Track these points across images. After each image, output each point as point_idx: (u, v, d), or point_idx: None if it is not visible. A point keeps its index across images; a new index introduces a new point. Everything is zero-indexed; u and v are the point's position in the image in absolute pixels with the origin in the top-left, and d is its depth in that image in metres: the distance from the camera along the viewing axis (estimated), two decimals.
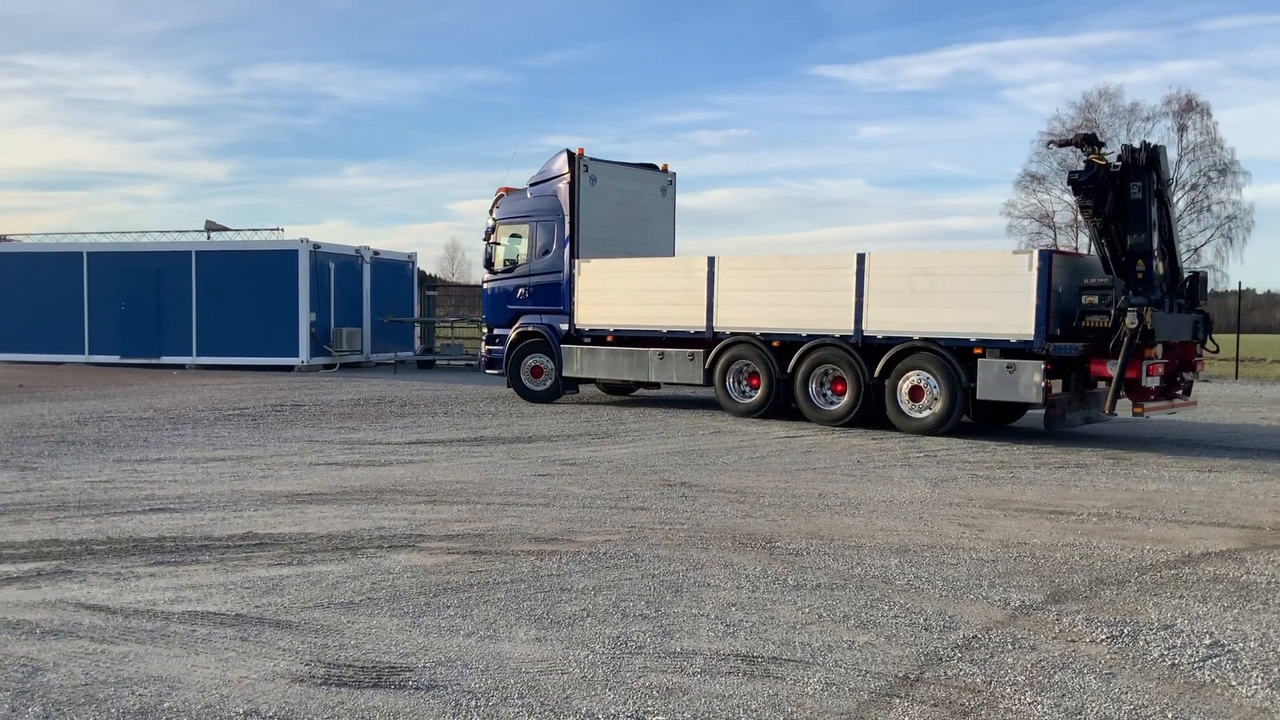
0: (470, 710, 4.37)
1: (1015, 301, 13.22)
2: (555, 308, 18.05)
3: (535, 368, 18.37)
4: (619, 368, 17.38)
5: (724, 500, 9.09)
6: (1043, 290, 13.02)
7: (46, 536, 7.43)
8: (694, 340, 16.40)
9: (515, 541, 7.42)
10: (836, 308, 14.76)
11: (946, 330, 13.89)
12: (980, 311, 13.58)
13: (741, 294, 15.90)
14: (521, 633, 5.38)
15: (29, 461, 10.87)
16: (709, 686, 4.67)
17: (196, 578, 6.38)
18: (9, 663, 4.87)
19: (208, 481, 9.74)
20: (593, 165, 17.91)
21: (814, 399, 15.15)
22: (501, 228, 18.76)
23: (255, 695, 4.50)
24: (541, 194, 18.18)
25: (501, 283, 18.87)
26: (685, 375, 16.56)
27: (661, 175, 19.46)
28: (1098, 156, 13.41)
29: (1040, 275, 13.03)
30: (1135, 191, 13.27)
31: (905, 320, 14.22)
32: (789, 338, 15.36)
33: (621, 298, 17.28)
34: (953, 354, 13.80)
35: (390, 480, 9.93)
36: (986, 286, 13.59)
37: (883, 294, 14.43)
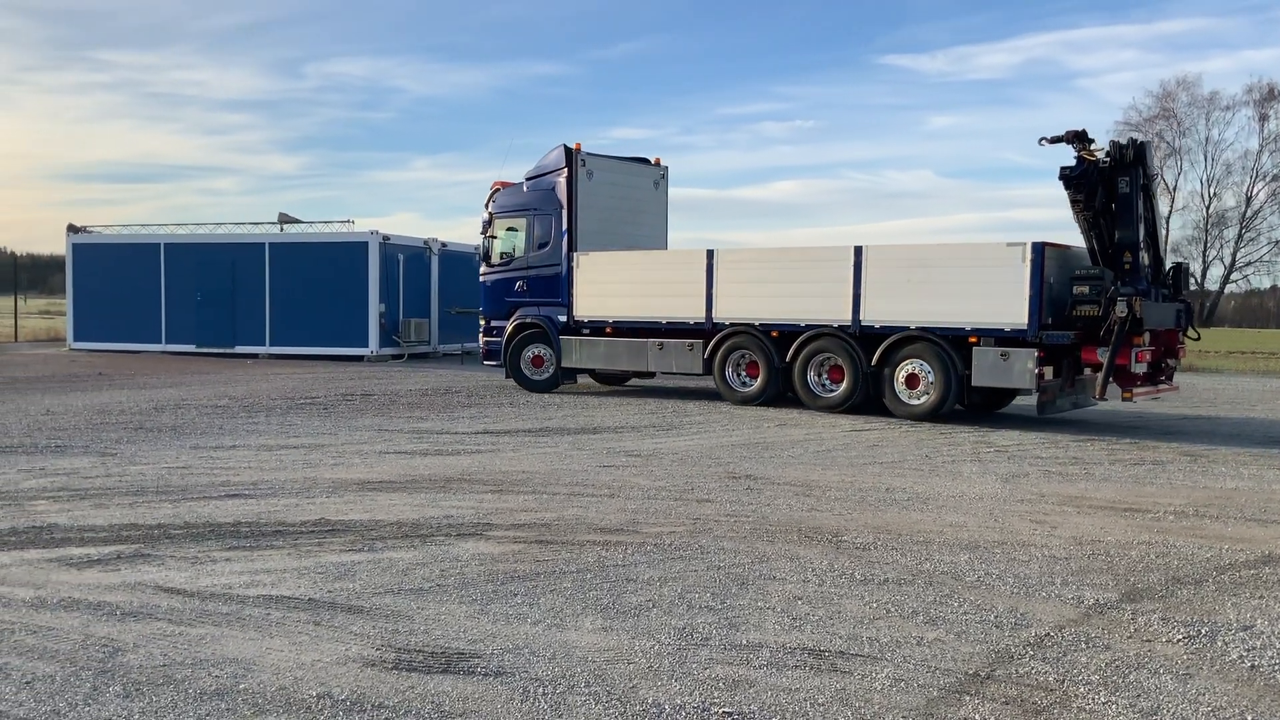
0: (538, 698, 4.40)
1: (1009, 292, 13.73)
2: (553, 300, 18.33)
3: (536, 358, 18.62)
4: (618, 358, 17.78)
5: (789, 493, 9.05)
6: (1035, 281, 13.55)
7: (126, 520, 7.63)
8: (693, 331, 16.77)
9: (581, 531, 7.46)
10: (835, 299, 15.22)
11: (942, 320, 14.36)
12: (975, 301, 14.09)
13: (741, 285, 16.31)
14: (588, 622, 5.41)
15: (109, 447, 11.18)
16: (775, 679, 4.65)
17: (271, 562, 6.51)
18: (90, 643, 5.02)
19: (281, 468, 9.93)
20: (590, 160, 18.19)
21: (812, 387, 15.62)
22: (498, 221, 19.01)
23: (328, 678, 4.58)
24: (539, 188, 18.46)
25: (499, 275, 19.10)
26: (684, 365, 16.94)
27: (655, 169, 19.81)
28: (1088, 153, 13.80)
29: (1033, 266, 13.54)
30: (1123, 186, 13.73)
31: (902, 310, 14.71)
32: (788, 328, 15.78)
33: (620, 290, 17.63)
34: (948, 342, 14.29)
35: (458, 469, 10.03)
36: (981, 277, 14.10)
37: (880, 285, 14.90)
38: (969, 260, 14.42)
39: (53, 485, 8.96)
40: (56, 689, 4.44)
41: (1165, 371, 14.61)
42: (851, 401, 15.15)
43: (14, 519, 7.61)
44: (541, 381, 18.59)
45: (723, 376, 16.54)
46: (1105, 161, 13.76)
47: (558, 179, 18.08)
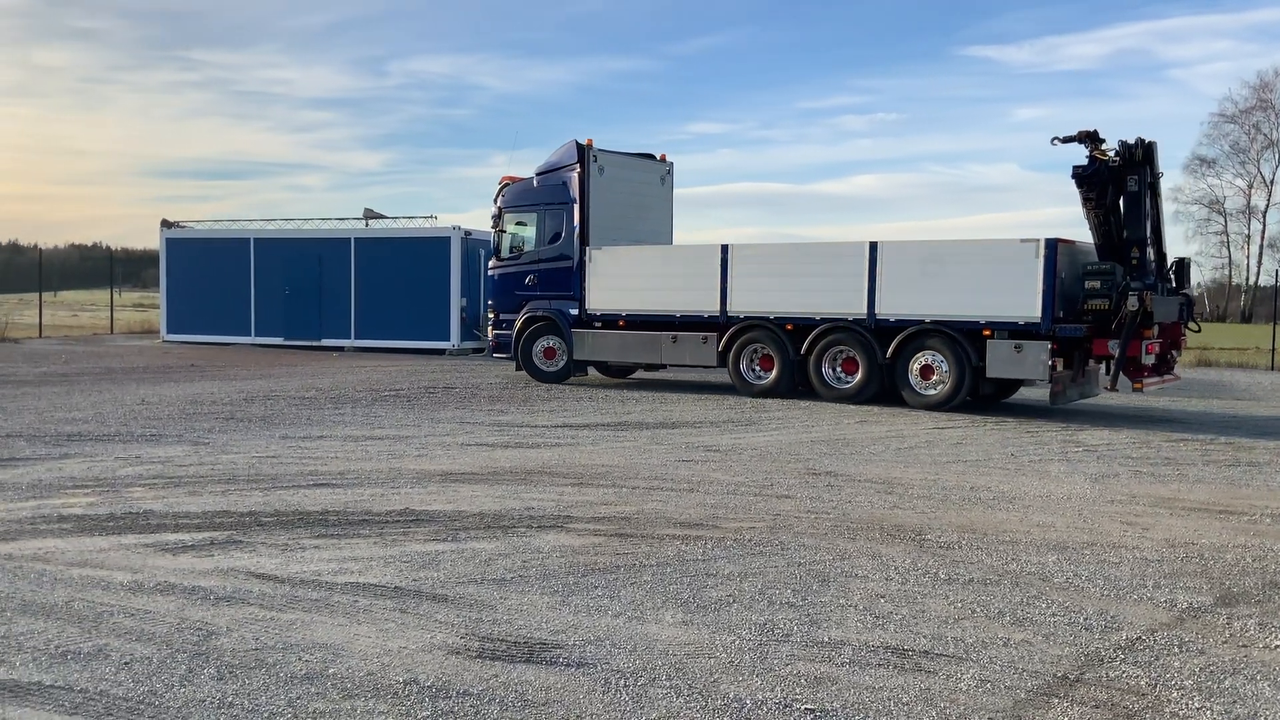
0: (619, 689, 4.43)
1: (1023, 286, 14.22)
2: (565, 293, 18.53)
3: (548, 349, 18.82)
4: (630, 350, 18.03)
5: (871, 490, 8.96)
6: (1049, 276, 14.03)
7: (218, 508, 7.85)
8: (707, 324, 17.02)
9: (660, 526, 7.47)
10: (850, 293, 15.60)
11: (956, 313, 14.80)
12: (989, 296, 14.55)
13: (755, 280, 16.60)
14: (668, 615, 5.43)
15: (201, 437, 11.50)
16: (858, 677, 4.61)
17: (358, 550, 6.65)
18: (185, 626, 5.17)
19: (366, 459, 10.13)
20: (601, 155, 18.39)
21: (827, 379, 15.98)
22: (508, 216, 19.26)
23: (414, 665, 4.66)
24: (550, 183, 18.67)
25: (509, 269, 19.33)
26: (698, 358, 17.23)
27: (661, 165, 20.00)
28: (1100, 152, 14.30)
29: (1047, 262, 14.03)
30: (1132, 184, 14.24)
31: (916, 304, 15.13)
32: (803, 321, 16.12)
33: (633, 283, 17.84)
34: (962, 335, 14.73)
35: (538, 462, 10.12)
36: (995, 272, 14.56)
37: (895, 280, 15.30)
38: (984, 256, 14.82)
39: (148, 473, 9.25)
40: (154, 670, 4.59)
41: (1170, 363, 15.05)
42: (866, 393, 15.54)
43: (112, 505, 7.87)
44: (553, 373, 18.80)
45: (737, 369, 16.82)
46: (1115, 161, 14.23)
47: (570, 174, 18.33)
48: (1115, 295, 13.89)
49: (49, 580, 5.90)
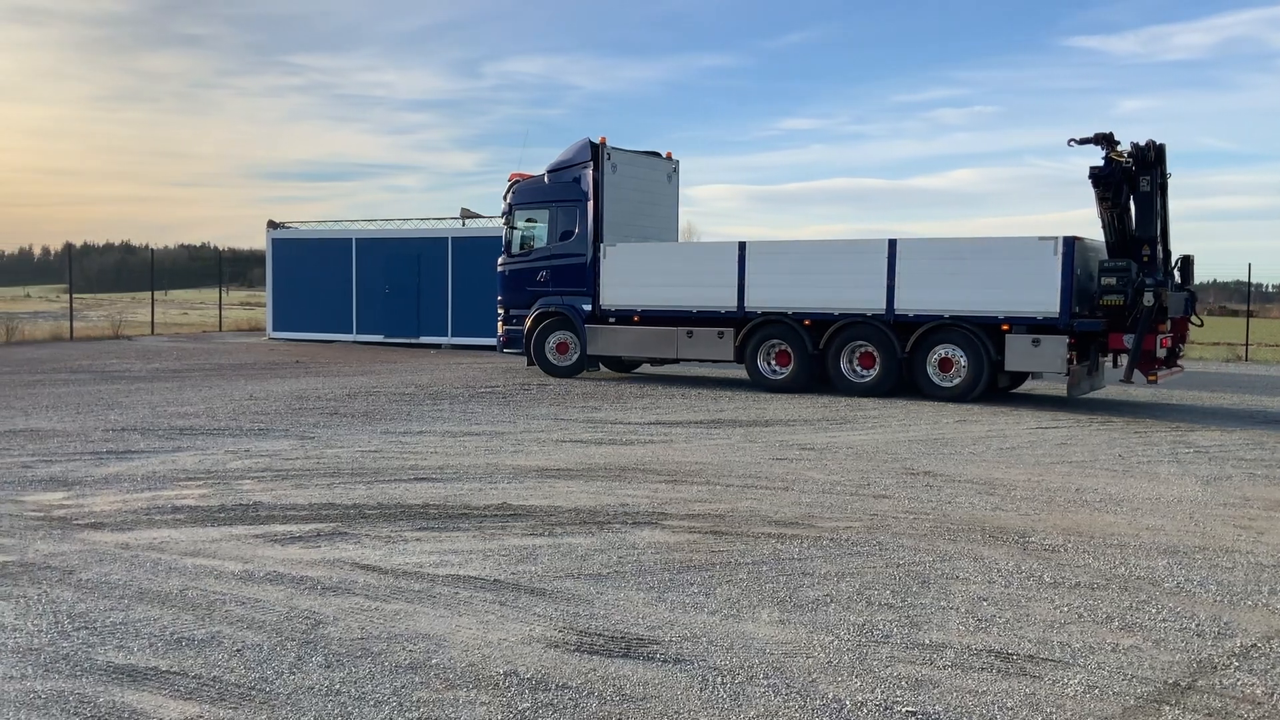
0: (717, 686, 4.42)
1: (1042, 282, 14.68)
2: (578, 289, 18.67)
3: (560, 345, 19.00)
4: (645, 345, 18.25)
5: (972, 491, 8.79)
6: (1067, 272, 14.51)
7: (324, 500, 8.06)
8: (724, 319, 17.29)
9: (755, 524, 7.44)
10: (868, 288, 15.99)
11: (975, 308, 15.26)
12: (1008, 291, 15.01)
13: (773, 276, 16.93)
14: (765, 614, 5.40)
15: (306, 431, 11.82)
16: (960, 681, 4.53)
17: (458, 544, 6.76)
18: (294, 615, 5.32)
19: (464, 454, 10.29)
20: (614, 153, 18.60)
21: (845, 373, 16.36)
22: (518, 212, 19.42)
23: (514, 657, 4.73)
24: (562, 180, 18.83)
25: (520, 265, 19.45)
26: (714, 353, 17.50)
27: (667, 163, 20.19)
28: (1116, 154, 14.76)
29: (1065, 259, 14.52)
30: (1144, 184, 14.74)
31: (935, 299, 15.55)
32: (821, 316, 16.50)
33: (649, 279, 18.05)
34: (981, 329, 15.20)
35: (632, 459, 10.17)
36: (1014, 269, 14.99)
37: (913, 276, 15.70)
38: (1002, 253, 15.29)
39: (257, 466, 9.53)
40: (264, 657, 4.73)
41: (1176, 355, 15.61)
42: (884, 386, 15.94)
43: (223, 497, 8.14)
44: (565, 368, 18.98)
45: (754, 363, 17.13)
46: (1128, 162, 14.74)
47: (583, 172, 18.52)
48: (1131, 291, 14.51)
49: (164, 569, 6.13)
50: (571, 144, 18.95)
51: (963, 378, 15.41)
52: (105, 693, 4.31)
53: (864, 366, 16.22)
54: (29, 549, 6.53)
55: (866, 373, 16.19)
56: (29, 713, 4.11)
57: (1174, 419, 14.08)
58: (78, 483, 8.65)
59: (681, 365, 20.17)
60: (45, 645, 4.85)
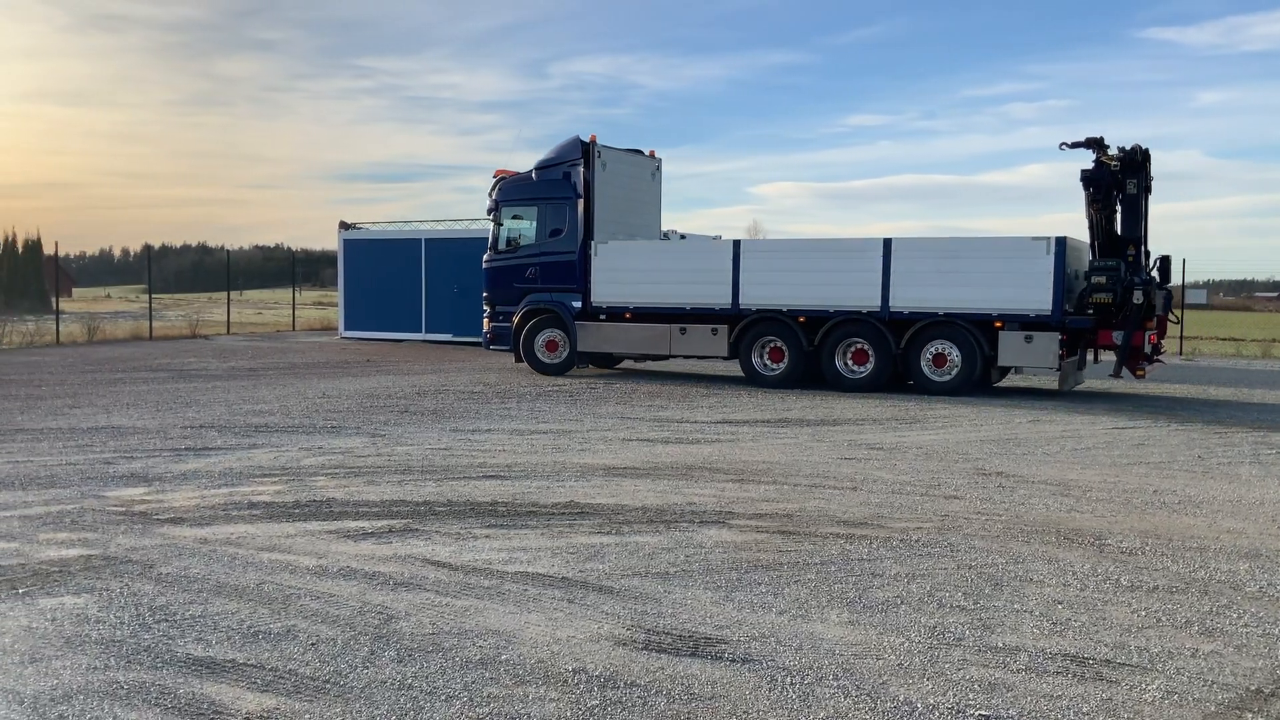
0: (786, 687, 4.40)
1: (1035, 281, 15.22)
2: (568, 286, 18.75)
3: (550, 342, 19.07)
4: (637, 342, 18.41)
5: (1046, 492, 8.63)
6: (1059, 271, 15.06)
7: (395, 497, 8.17)
8: (718, 317, 17.53)
9: (823, 524, 7.39)
10: (863, 286, 16.39)
11: (969, 305, 15.74)
12: (1001, 289, 15.53)
13: (768, 274, 17.25)
14: (834, 615, 5.36)
15: (378, 429, 11.99)
16: (1035, 685, 4.45)
17: (526, 541, 6.81)
18: (367, 610, 5.41)
19: (532, 452, 10.36)
20: (604, 151, 18.71)
21: (840, 369, 16.72)
22: (505, 209, 19.42)
23: (582, 654, 4.75)
24: (551, 178, 18.91)
25: (507, 262, 19.41)
26: (708, 349, 17.77)
27: (651, 160, 20.30)
28: (1106, 157, 15.43)
29: (1056, 258, 15.05)
30: (1131, 187, 15.41)
31: (930, 297, 16.01)
32: (816, 314, 16.83)
33: (642, 276, 18.24)
34: (975, 326, 15.71)
35: (699, 458, 10.15)
36: (1007, 268, 15.51)
37: (908, 274, 16.11)
38: (996, 252, 15.84)
39: (329, 463, 9.70)
40: (338, 651, 4.81)
41: (1159, 350, 16.23)
42: (878, 381, 16.35)
43: (297, 493, 8.29)
44: (555, 365, 19.06)
45: (749, 359, 17.45)
46: (1117, 165, 15.40)
47: (573, 169, 18.64)
48: (1120, 290, 15.14)
49: (241, 563, 6.26)
50: (560, 142, 19.08)
51: (956, 373, 15.90)
52: (185, 684, 4.41)
53: (857, 363, 16.63)
54: (111, 543, 6.71)
55: (860, 369, 16.60)
56: (112, 703, 4.23)
57: (1255, 419, 13.70)
58: (158, 479, 8.87)
59: (674, 361, 20.23)
60: (128, 637, 4.98)
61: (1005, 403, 15.20)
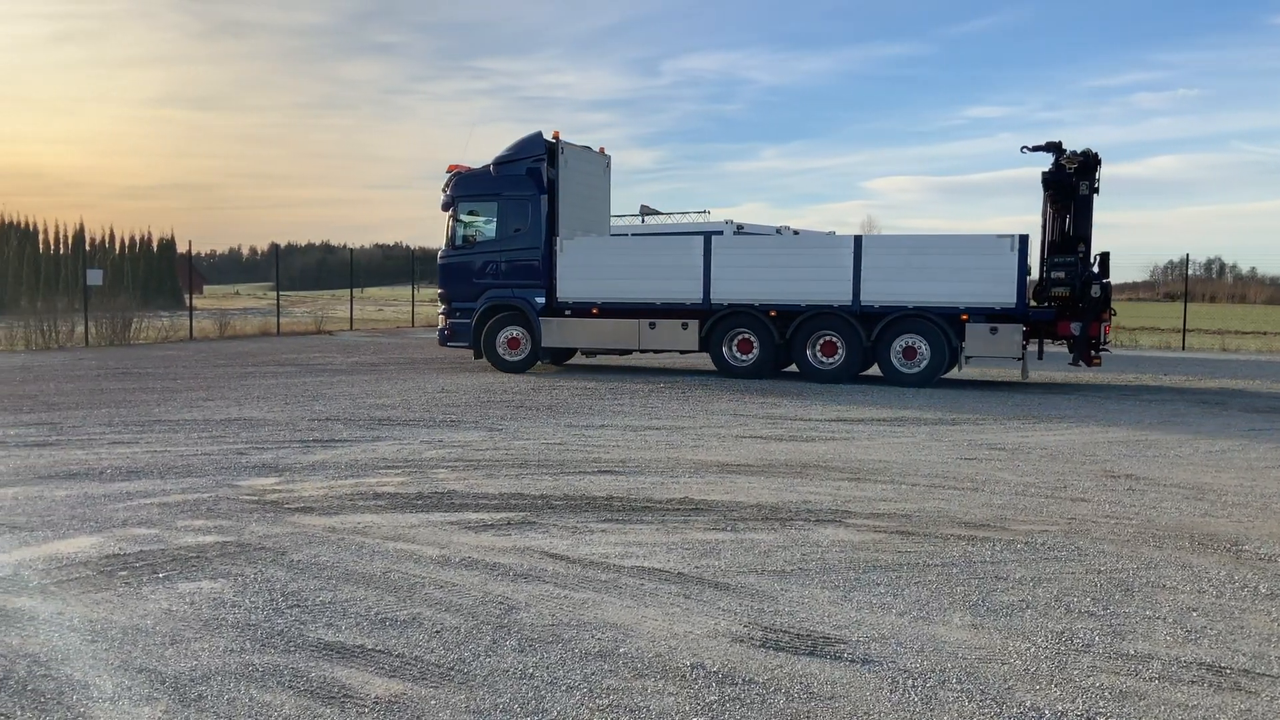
0: (907, 689, 4.34)
1: (1000, 276, 16.06)
2: (530, 282, 18.78)
3: (512, 340, 18.98)
4: (605, 337, 18.53)
5: (1178, 496, 8.31)
6: (1022, 266, 16.00)
7: (512, 490, 8.31)
8: (689, 311, 17.88)
9: (944, 525, 7.25)
10: (835, 282, 16.97)
11: (937, 300, 16.45)
12: (968, 284, 16.28)
13: (739, 269, 17.61)
14: (956, 618, 5.26)
15: (495, 424, 12.21)
16: (1168, 694, 4.30)
17: (641, 536, 6.85)
18: (489, 600, 5.51)
19: (645, 448, 10.42)
20: (566, 149, 18.82)
21: (811, 361, 17.31)
22: (462, 204, 19.23)
23: (699, 650, 4.76)
24: (512, 173, 18.83)
25: (465, 258, 19.25)
26: (678, 343, 18.14)
27: (602, 157, 20.35)
28: (1067, 159, 16.39)
29: (1020, 254, 15.95)
30: (1084, 189, 16.41)
31: (899, 292, 16.67)
32: (787, 308, 17.32)
33: (609, 272, 18.41)
34: (943, 319, 16.42)
35: (813, 455, 10.07)
36: (973, 264, 16.26)
37: (878, 270, 16.74)
38: (963, 249, 16.61)
39: (449, 456, 9.91)
40: (461, 639, 4.92)
41: (1105, 341, 16.85)
42: (848, 372, 17.05)
43: (419, 485, 8.50)
44: (517, 362, 18.97)
45: (719, 352, 17.88)
46: (1073, 168, 16.35)
47: (537, 165, 18.62)
48: (1079, 283, 16.19)
49: (368, 552, 6.45)
50: (520, 137, 19.03)
51: (925, 364, 16.62)
52: (316, 668, 4.57)
53: (826, 355, 17.25)
54: (245, 531, 6.99)
55: (829, 360, 17.22)
56: (248, 684, 4.40)
57: None
58: (287, 469, 9.20)
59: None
60: (261, 621, 5.18)
61: (1134, 403, 14.68)
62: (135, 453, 9.97)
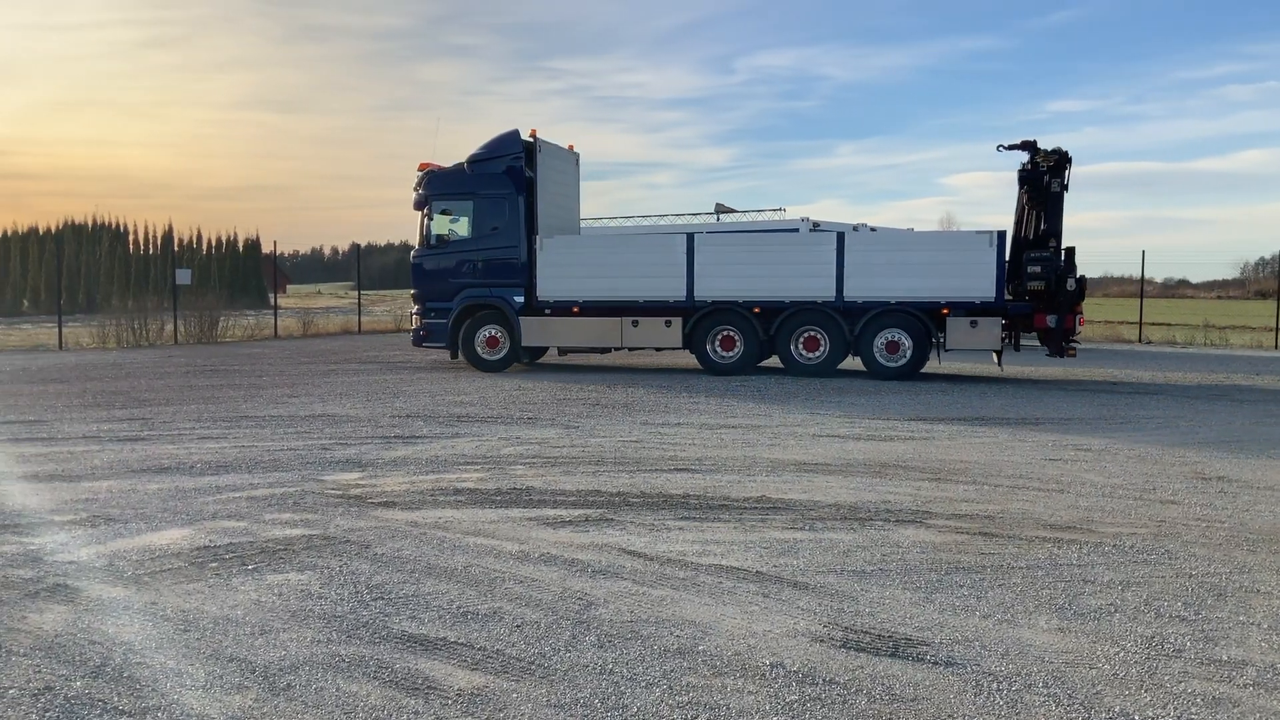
0: (992, 692, 4.27)
1: (980, 271, 16.62)
2: (509, 281, 18.66)
3: (490, 339, 18.86)
4: (587, 335, 18.50)
5: (1273, 499, 8.04)
6: (1001, 261, 16.58)
7: (589, 487, 8.35)
8: (672, 309, 18.01)
9: (1028, 526, 7.12)
10: (819, 278, 17.29)
11: (918, 294, 16.91)
12: (949, 279, 16.77)
13: (723, 267, 17.82)
14: (1042, 621, 5.16)
15: (571, 421, 12.29)
16: (1264, 701, 4.17)
17: (719, 534, 6.84)
18: (568, 595, 5.55)
19: (722, 446, 10.40)
20: (544, 147, 18.75)
21: (794, 355, 17.65)
22: (435, 203, 18.98)
23: (779, 649, 4.74)
24: (489, 171, 18.66)
25: (440, 257, 19.05)
26: (661, 341, 18.19)
27: (572, 154, 20.23)
28: (1043, 157, 16.93)
29: (998, 250, 16.55)
30: (1055, 186, 16.97)
31: (881, 287, 17.06)
32: (772, 304, 17.59)
33: (591, 271, 18.40)
34: (924, 313, 16.93)
35: (892, 455, 9.95)
36: (954, 259, 16.81)
37: (861, 266, 17.11)
38: (944, 245, 17.42)
39: (527, 452, 10.00)
40: (541, 634, 4.97)
41: (1076, 332, 17.25)
42: (830, 366, 17.39)
43: (498, 481, 8.59)
44: (495, 361, 18.82)
45: (703, 349, 18.06)
46: (1045, 166, 16.91)
47: (515, 163, 18.49)
48: (1054, 277, 16.61)
49: (449, 547, 6.54)
50: (496, 135, 18.82)
51: (908, 358, 17.07)
52: (401, 660, 4.65)
53: (808, 350, 17.59)
54: (330, 524, 7.13)
55: (811, 355, 17.56)
56: (335, 674, 4.49)
57: None
58: (370, 464, 9.36)
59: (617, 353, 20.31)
60: (347, 613, 5.28)
61: (1225, 404, 14.25)
62: (223, 448, 10.23)
